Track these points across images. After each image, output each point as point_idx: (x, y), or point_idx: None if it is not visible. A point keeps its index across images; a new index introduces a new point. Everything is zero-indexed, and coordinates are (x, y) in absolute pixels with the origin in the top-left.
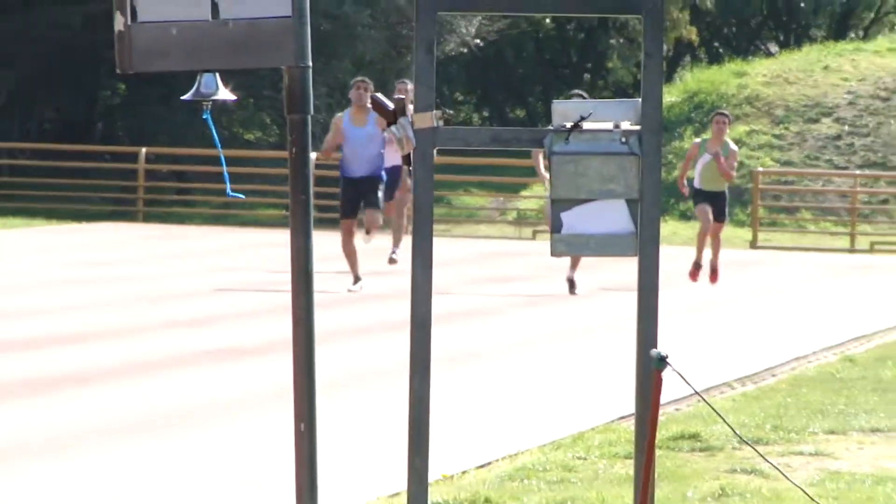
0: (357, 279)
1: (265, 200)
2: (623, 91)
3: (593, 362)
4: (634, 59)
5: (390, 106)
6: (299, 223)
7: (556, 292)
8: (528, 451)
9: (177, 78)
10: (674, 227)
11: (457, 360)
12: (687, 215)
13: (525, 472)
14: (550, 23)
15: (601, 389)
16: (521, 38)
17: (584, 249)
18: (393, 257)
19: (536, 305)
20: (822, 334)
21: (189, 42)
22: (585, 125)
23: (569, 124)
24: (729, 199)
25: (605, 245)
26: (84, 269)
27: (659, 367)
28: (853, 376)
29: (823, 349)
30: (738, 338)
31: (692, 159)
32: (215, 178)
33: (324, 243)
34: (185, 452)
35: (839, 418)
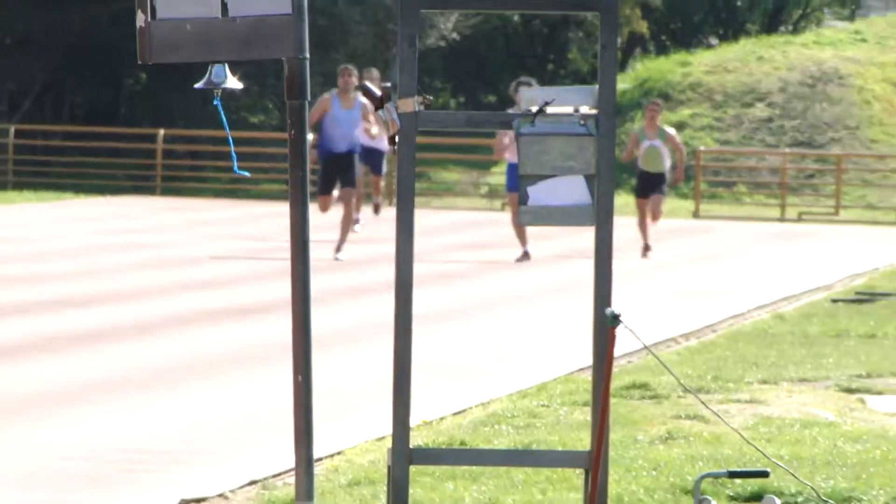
0: (340, 246)
1: (268, 176)
2: (582, 79)
3: (555, 320)
4: (592, 51)
5: (378, 93)
6: (297, 196)
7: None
8: (498, 400)
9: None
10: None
11: (435, 318)
12: None
13: (495, 418)
14: (518, 19)
15: (562, 344)
16: (492, 33)
17: (548, 219)
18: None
19: (505, 270)
20: (755, 294)
21: (201, 36)
22: (549, 109)
23: (534, 108)
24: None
25: (565, 215)
26: (108, 236)
27: (613, 325)
28: (783, 332)
29: (757, 308)
30: (683, 298)
31: (633, 147)
32: (225, 156)
33: (318, 214)
34: (198, 400)
35: (771, 369)
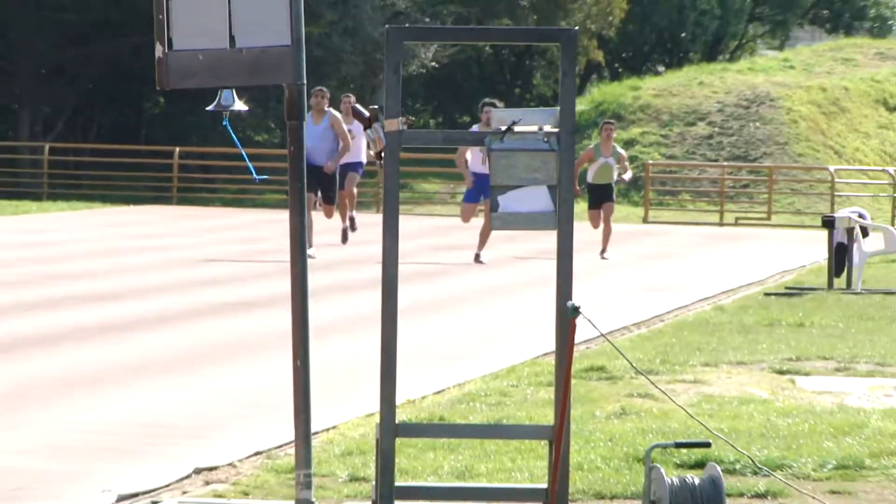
0: (310, 246)
1: (270, 187)
2: (545, 101)
3: (522, 311)
4: (553, 77)
5: (366, 114)
6: (295, 204)
7: (493, 257)
8: (472, 381)
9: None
10: (583, 206)
11: (418, 310)
12: None
13: (470, 397)
14: (489, 50)
15: (529, 332)
16: (466, 62)
17: (516, 224)
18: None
19: (479, 268)
20: (698, 289)
21: (212, 65)
22: (516, 128)
23: (504, 127)
24: (624, 186)
25: (531, 221)
26: (131, 240)
27: (573, 315)
28: (722, 321)
29: (700, 300)
30: (634, 292)
31: (586, 161)
32: (232, 170)
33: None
34: (210, 382)
35: (712, 354)
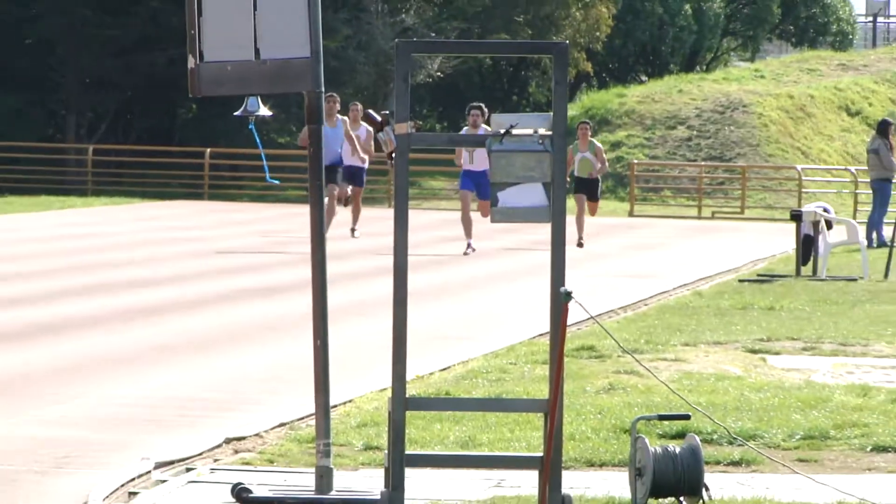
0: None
1: (291, 185)
2: (540, 108)
3: (520, 297)
4: (547, 86)
5: (378, 119)
6: (315, 199)
7: (494, 247)
8: (475, 359)
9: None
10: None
11: (425, 296)
12: None
13: (473, 373)
14: (489, 61)
15: (525, 315)
16: (468, 72)
17: (514, 217)
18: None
19: (479, 257)
20: (678, 276)
21: (239, 75)
22: (514, 131)
23: (503, 130)
24: (612, 182)
25: (527, 214)
26: (167, 231)
27: (566, 300)
28: (701, 305)
29: (680, 286)
30: (621, 279)
31: (572, 162)
32: (258, 169)
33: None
34: (239, 360)
35: (691, 335)
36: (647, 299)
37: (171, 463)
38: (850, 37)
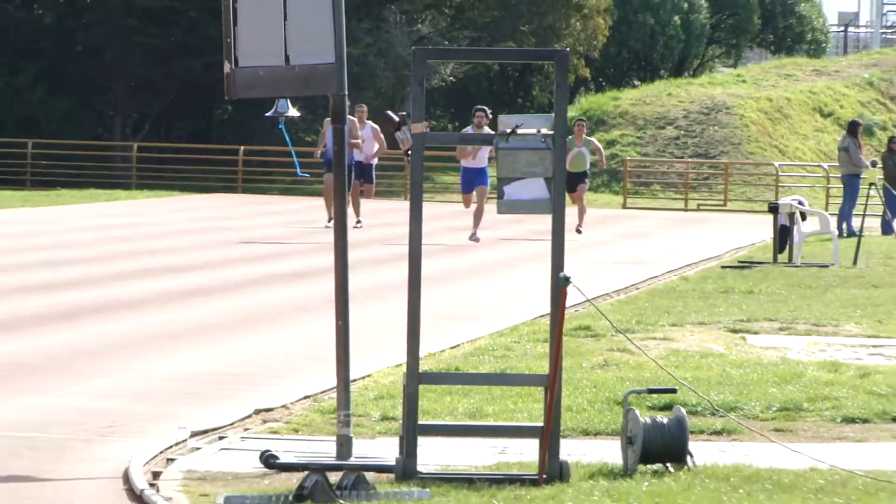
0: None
1: (318, 179)
2: (542, 109)
3: (523, 281)
4: (549, 89)
5: (396, 119)
6: (339, 192)
7: (501, 237)
8: (482, 338)
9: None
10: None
11: (437, 280)
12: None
13: (481, 351)
14: (497, 67)
15: (528, 298)
16: (478, 76)
17: (518, 209)
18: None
19: (487, 245)
20: (667, 262)
21: (270, 79)
22: (519, 130)
23: (508, 130)
24: (607, 177)
25: (530, 206)
26: (204, 222)
27: (565, 284)
28: (687, 289)
29: (668, 272)
30: (615, 265)
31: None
32: (288, 165)
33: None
34: (268, 338)
35: (678, 316)
36: (639, 284)
37: (206, 432)
38: (824, 45)
